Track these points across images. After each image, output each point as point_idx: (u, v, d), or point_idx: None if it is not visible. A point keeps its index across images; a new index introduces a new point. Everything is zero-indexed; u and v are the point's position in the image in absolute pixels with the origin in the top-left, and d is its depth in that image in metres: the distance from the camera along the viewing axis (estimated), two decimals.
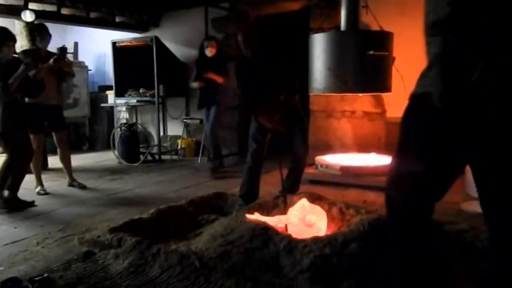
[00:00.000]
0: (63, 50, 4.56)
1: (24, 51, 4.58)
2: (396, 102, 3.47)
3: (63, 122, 4.74)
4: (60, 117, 4.69)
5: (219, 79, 5.24)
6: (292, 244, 2.47)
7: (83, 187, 4.80)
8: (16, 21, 5.99)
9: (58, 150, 4.76)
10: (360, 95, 5.06)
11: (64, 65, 4.56)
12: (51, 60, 4.36)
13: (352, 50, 3.91)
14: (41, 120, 4.51)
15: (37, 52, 4.43)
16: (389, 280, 2.06)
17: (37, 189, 4.53)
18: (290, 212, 2.98)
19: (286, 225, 2.85)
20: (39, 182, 4.58)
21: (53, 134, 4.69)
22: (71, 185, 4.83)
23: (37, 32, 4.50)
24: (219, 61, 5.37)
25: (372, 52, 3.75)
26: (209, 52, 5.35)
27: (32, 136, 4.46)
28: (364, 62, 3.82)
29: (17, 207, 3.98)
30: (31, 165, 4.54)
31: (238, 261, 2.40)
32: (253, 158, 3.60)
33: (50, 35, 4.51)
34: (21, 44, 5.77)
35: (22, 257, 2.80)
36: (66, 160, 4.81)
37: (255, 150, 3.59)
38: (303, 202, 2.99)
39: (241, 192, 3.64)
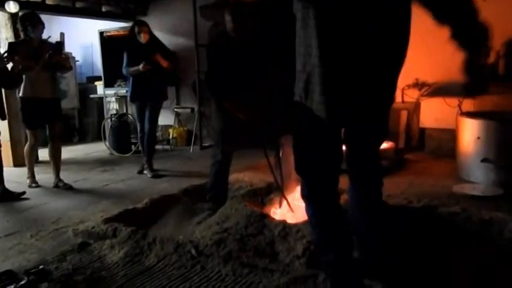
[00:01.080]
0: (58, 44, 4.28)
1: (13, 43, 4.38)
2: None
3: (59, 115, 4.47)
4: (57, 110, 4.42)
5: (164, 62, 4.81)
6: (286, 230, 2.49)
7: (68, 187, 4.42)
8: (0, 13, 5.87)
9: (49, 145, 4.46)
10: None
11: (61, 61, 4.29)
12: (47, 56, 4.13)
13: None
14: (38, 115, 4.28)
15: (28, 43, 4.17)
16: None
17: (29, 182, 4.49)
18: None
19: None
20: (32, 175, 4.53)
21: (47, 127, 4.41)
22: (56, 185, 4.45)
23: (28, 22, 4.13)
24: (155, 48, 4.93)
25: None
26: (143, 38, 4.90)
27: (28, 131, 4.40)
28: None
29: (7, 198, 3.98)
30: (25, 158, 4.52)
31: (234, 248, 2.41)
32: (222, 158, 3.16)
33: (42, 23, 4.21)
34: (6, 35, 5.67)
35: (16, 250, 2.79)
36: (56, 157, 4.48)
37: (223, 149, 3.15)
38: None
39: (210, 195, 3.28)
